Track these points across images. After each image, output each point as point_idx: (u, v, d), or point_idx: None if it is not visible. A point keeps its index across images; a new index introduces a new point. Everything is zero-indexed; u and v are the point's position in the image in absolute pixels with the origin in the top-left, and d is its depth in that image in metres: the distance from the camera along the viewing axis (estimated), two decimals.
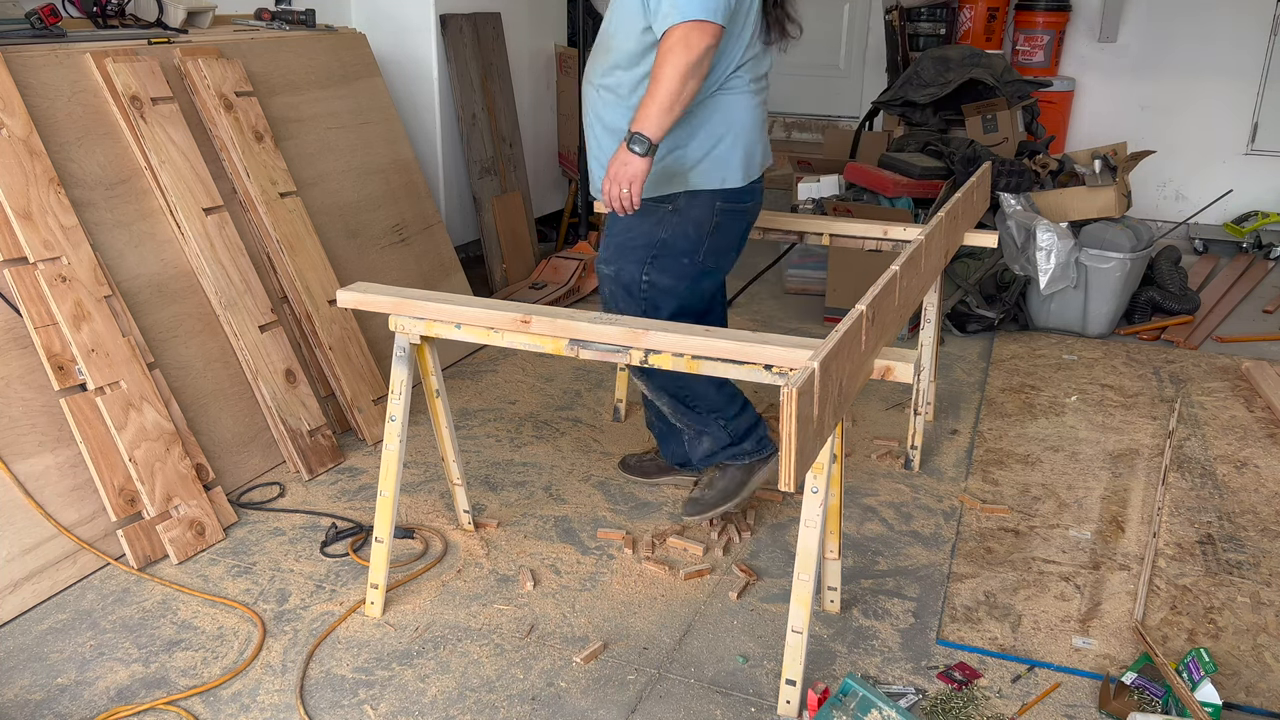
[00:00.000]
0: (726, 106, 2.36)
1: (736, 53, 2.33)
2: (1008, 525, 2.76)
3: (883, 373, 1.99)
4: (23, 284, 2.43)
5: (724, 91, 2.35)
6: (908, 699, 2.08)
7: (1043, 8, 5.83)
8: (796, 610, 1.96)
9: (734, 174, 2.40)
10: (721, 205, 2.42)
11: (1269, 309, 4.60)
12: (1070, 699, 2.10)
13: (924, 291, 2.60)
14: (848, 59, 6.83)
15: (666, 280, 2.45)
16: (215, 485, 2.70)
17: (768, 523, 2.77)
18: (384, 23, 4.21)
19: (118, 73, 2.77)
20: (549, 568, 2.55)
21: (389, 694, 2.09)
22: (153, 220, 2.82)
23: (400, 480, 2.30)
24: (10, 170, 2.45)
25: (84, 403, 2.46)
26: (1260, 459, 3.15)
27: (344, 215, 3.47)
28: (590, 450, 3.16)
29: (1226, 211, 5.68)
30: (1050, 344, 4.12)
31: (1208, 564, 2.58)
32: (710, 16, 2.14)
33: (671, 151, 2.36)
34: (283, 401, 2.95)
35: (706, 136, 2.36)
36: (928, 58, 4.77)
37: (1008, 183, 4.22)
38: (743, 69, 2.36)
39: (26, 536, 2.35)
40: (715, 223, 2.43)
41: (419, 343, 2.27)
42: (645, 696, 2.10)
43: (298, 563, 2.55)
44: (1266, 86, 5.66)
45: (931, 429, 3.33)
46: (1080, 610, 2.39)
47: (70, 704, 2.04)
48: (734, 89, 2.36)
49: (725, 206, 2.43)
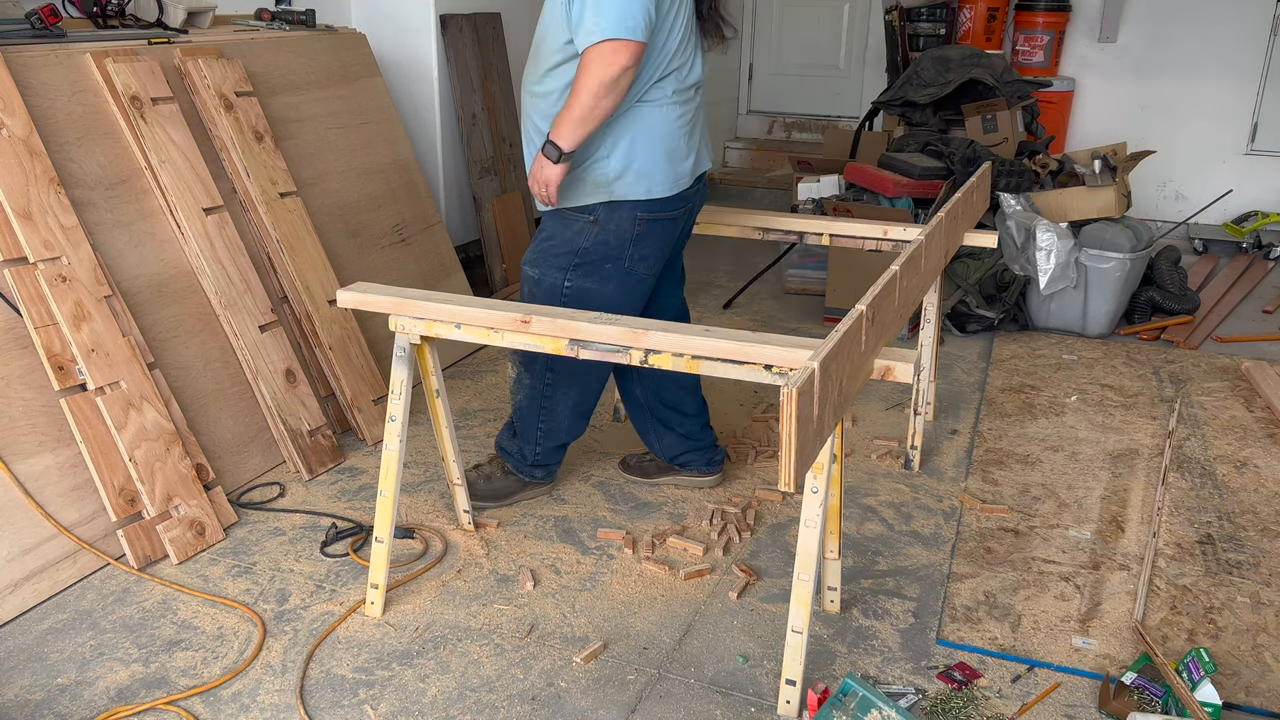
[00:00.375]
0: (648, 118, 2.37)
1: (660, 64, 2.34)
2: (1008, 525, 2.76)
3: (883, 373, 1.99)
4: (23, 284, 2.43)
5: (645, 103, 2.36)
6: (908, 699, 2.08)
7: (1043, 8, 5.83)
8: (796, 610, 1.96)
9: (659, 184, 2.42)
10: (644, 215, 2.44)
11: (1269, 309, 4.60)
12: (1070, 699, 2.10)
13: (924, 291, 2.60)
14: (848, 59, 6.83)
15: (589, 285, 2.47)
16: (215, 485, 2.70)
17: (768, 523, 2.77)
18: (384, 23, 4.21)
19: (118, 73, 2.77)
20: (549, 568, 2.55)
21: (389, 694, 2.09)
22: (153, 220, 2.82)
23: (400, 480, 2.30)
24: (10, 170, 2.45)
25: (84, 403, 2.46)
26: (1260, 459, 3.15)
27: (344, 215, 3.47)
28: (590, 450, 3.16)
29: (1226, 211, 5.68)
30: (1050, 344, 4.13)
31: (1208, 564, 2.58)
32: (630, 35, 2.16)
33: (594, 162, 2.38)
34: (283, 401, 2.95)
35: (628, 148, 2.37)
36: (928, 58, 4.77)
37: (1008, 183, 4.22)
38: (666, 80, 2.36)
39: (26, 536, 2.35)
40: (638, 231, 2.45)
41: (419, 343, 2.27)
42: (645, 696, 2.10)
43: (298, 563, 2.55)
44: (1266, 86, 5.66)
45: (931, 429, 3.33)
46: (1080, 610, 2.39)
47: (70, 704, 2.04)
48: (655, 100, 2.37)
49: (649, 216, 2.45)
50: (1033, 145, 4.62)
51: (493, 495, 2.79)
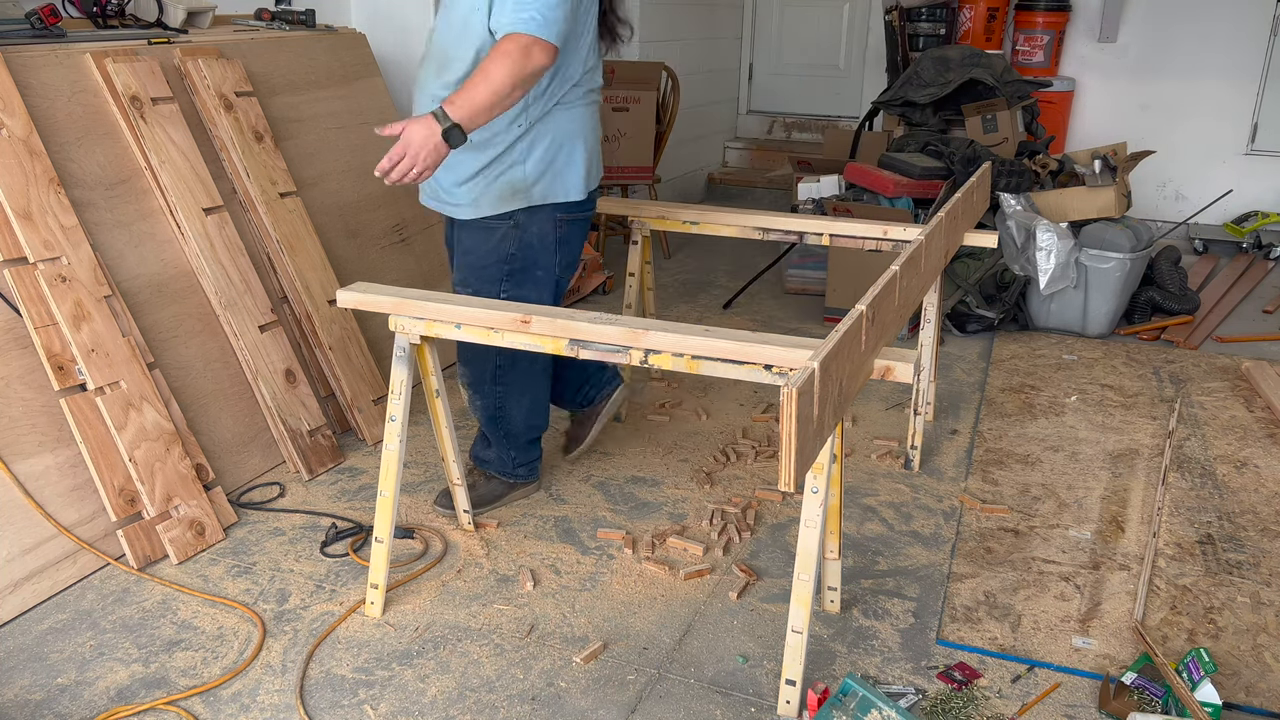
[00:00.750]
0: (565, 121, 2.39)
1: (576, 69, 2.36)
2: (1008, 525, 2.76)
3: (883, 373, 1.99)
4: (23, 284, 2.43)
5: (562, 106, 2.38)
6: (908, 699, 2.08)
7: (1043, 8, 5.84)
8: (796, 610, 1.96)
9: (574, 188, 2.46)
10: (563, 218, 2.47)
11: (1269, 309, 4.60)
12: (1070, 699, 2.10)
13: (924, 291, 2.60)
14: (848, 59, 6.84)
15: (524, 293, 2.49)
16: (215, 485, 2.70)
17: (768, 523, 2.77)
18: (384, 23, 4.21)
19: (117, 73, 2.77)
20: (549, 568, 2.55)
21: (389, 694, 2.09)
22: (153, 220, 2.82)
23: (400, 480, 2.30)
24: (10, 170, 2.45)
25: (84, 403, 2.46)
26: (1260, 459, 3.15)
27: (344, 215, 3.47)
28: (590, 450, 3.16)
29: (1226, 211, 5.68)
30: (1050, 344, 4.13)
31: (1208, 564, 2.58)
32: (554, 40, 2.17)
33: (510, 168, 2.39)
34: (282, 401, 2.95)
35: (545, 152, 2.39)
36: (928, 58, 4.78)
37: (1008, 183, 4.22)
38: (580, 84, 2.39)
39: (26, 536, 2.35)
40: (559, 234, 2.48)
41: (419, 343, 2.27)
42: (645, 696, 2.10)
43: (298, 563, 2.55)
44: (1266, 87, 5.67)
45: (931, 429, 3.33)
46: (1080, 610, 2.39)
47: (70, 704, 2.04)
48: (571, 103, 2.39)
49: (566, 218, 2.48)
50: (1033, 145, 4.62)
51: (482, 501, 2.79)
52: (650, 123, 4.98)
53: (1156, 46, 5.82)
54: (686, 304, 4.65)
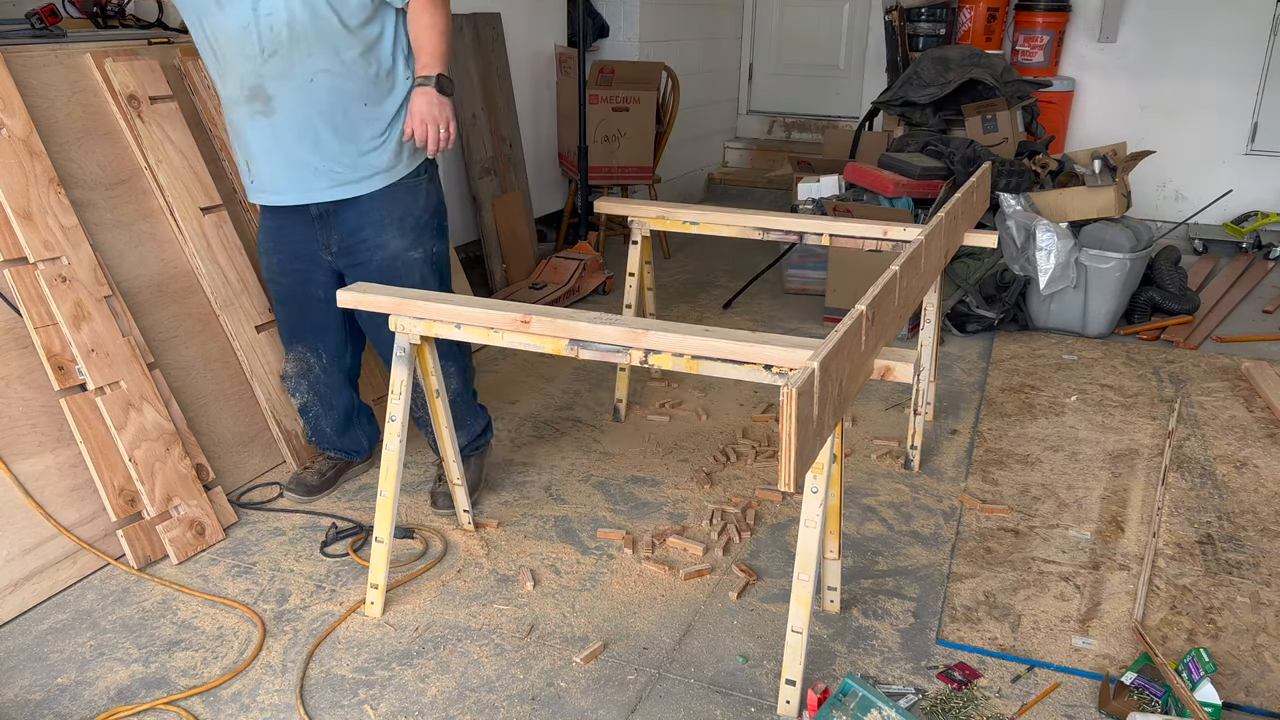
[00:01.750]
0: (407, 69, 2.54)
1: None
2: (1007, 525, 2.76)
3: (883, 373, 1.99)
4: (23, 284, 2.43)
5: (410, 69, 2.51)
6: (908, 699, 2.08)
7: (1043, 8, 5.84)
8: (796, 610, 1.96)
9: None
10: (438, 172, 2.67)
11: (1269, 309, 4.60)
12: (1070, 699, 2.10)
13: (924, 291, 2.60)
14: (848, 59, 6.84)
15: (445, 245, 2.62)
16: (215, 485, 2.70)
17: (768, 523, 2.77)
18: None
19: (115, 72, 2.77)
20: (549, 568, 2.55)
21: (389, 694, 2.09)
22: (153, 220, 2.82)
23: (400, 480, 2.30)
24: (10, 170, 2.45)
25: (84, 403, 2.46)
26: (1260, 459, 3.15)
27: None
28: (590, 450, 3.16)
29: (1226, 211, 5.68)
30: (1050, 344, 4.13)
31: (1207, 564, 2.58)
32: None
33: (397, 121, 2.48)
34: (279, 402, 2.95)
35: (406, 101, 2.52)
36: (928, 58, 4.78)
37: (1008, 183, 4.22)
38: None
39: (26, 536, 2.35)
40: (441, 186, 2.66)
41: (419, 343, 2.27)
42: (645, 696, 2.10)
43: (298, 563, 2.55)
44: (1266, 86, 5.67)
45: (931, 429, 3.33)
46: (1080, 610, 2.39)
47: (70, 704, 2.04)
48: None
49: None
50: (1033, 145, 4.62)
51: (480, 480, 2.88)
52: (650, 123, 4.98)
53: (1156, 46, 5.82)
54: (686, 304, 4.65)
